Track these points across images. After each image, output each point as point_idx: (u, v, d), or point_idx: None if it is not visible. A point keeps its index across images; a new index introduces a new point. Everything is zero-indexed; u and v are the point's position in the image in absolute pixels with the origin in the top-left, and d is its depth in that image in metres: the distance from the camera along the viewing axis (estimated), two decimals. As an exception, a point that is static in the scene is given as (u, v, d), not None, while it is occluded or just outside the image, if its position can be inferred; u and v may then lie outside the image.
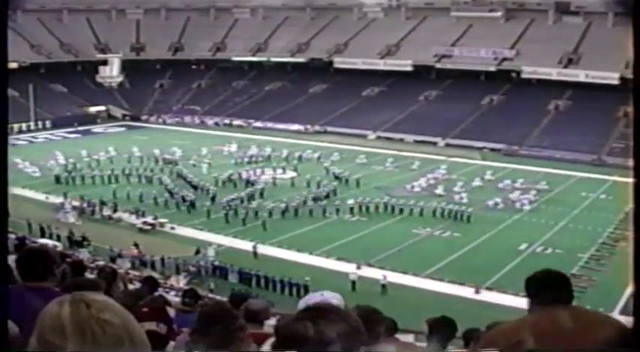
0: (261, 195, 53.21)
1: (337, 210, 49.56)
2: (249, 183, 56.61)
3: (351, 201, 50.88)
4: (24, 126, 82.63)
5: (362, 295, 33.12)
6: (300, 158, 67.04)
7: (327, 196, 53.07)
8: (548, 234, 44.90)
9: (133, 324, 2.08)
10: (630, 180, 2.99)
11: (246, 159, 65.92)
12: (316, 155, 68.12)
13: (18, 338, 2.82)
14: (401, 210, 49.58)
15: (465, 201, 51.54)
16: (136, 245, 40.80)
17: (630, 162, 2.94)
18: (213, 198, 51.67)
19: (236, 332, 4.45)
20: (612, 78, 74.02)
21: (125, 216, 47.99)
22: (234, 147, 71.30)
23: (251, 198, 52.15)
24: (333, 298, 4.74)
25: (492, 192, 54.51)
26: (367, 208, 50.09)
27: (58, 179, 57.68)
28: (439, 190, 54.50)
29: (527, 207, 50.72)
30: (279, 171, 61.31)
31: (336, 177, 59.02)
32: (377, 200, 51.22)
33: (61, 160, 62.97)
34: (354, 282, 35.74)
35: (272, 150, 69.34)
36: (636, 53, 2.76)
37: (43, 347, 2.02)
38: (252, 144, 72.32)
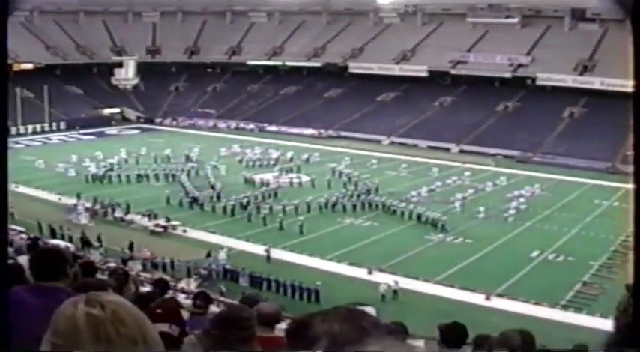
0: (275, 195, 53.63)
1: (383, 206, 51.14)
2: (263, 184, 57.09)
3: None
4: (38, 127, 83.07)
5: (373, 301, 33.12)
6: (291, 159, 67.41)
7: (366, 193, 54.38)
8: (560, 241, 44.64)
9: (146, 325, 2.08)
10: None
11: (257, 163, 66.07)
12: (305, 156, 68.87)
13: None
14: (394, 212, 50.21)
15: (457, 209, 51.47)
16: (131, 244, 40.78)
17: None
18: (217, 197, 52.35)
19: (245, 340, 4.45)
20: (628, 86, 73.31)
21: (137, 218, 47.99)
22: (238, 149, 72.07)
23: (264, 198, 52.64)
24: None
25: (495, 200, 54.35)
26: (369, 205, 51.46)
27: (91, 178, 58.27)
28: (453, 197, 54.23)
29: (511, 218, 49.67)
30: (292, 174, 61.60)
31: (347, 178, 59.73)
32: (377, 199, 52.44)
33: (87, 161, 63.29)
34: (383, 295, 34.61)
35: (278, 151, 70.19)
36: (636, 60, 2.74)
37: (56, 347, 2.02)
38: (262, 147, 72.83)
